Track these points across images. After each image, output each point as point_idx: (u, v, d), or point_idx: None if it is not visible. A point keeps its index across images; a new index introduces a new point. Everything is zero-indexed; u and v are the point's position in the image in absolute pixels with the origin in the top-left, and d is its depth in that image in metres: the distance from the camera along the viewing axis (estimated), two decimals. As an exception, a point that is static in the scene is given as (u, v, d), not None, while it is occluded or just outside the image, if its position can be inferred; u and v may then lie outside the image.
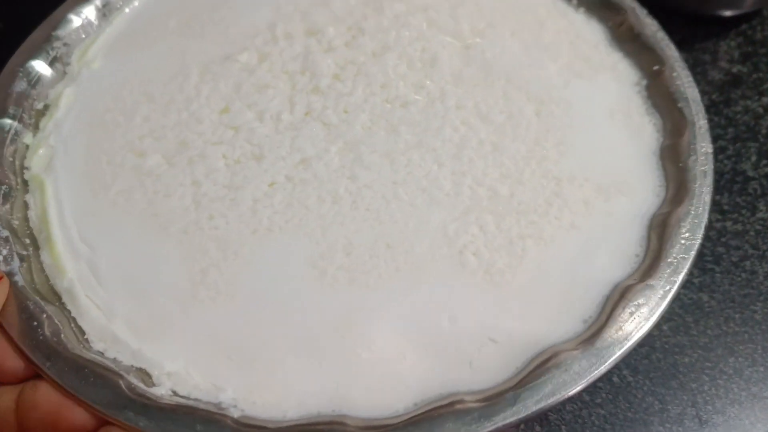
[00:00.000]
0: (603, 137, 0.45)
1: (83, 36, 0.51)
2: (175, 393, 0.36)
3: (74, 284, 0.39)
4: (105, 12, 0.52)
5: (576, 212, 0.42)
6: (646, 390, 0.49)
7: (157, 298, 0.39)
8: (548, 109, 0.46)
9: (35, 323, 0.37)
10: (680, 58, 0.47)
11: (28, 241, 0.41)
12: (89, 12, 0.52)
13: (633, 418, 0.48)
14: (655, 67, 0.47)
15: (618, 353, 0.36)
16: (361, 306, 0.38)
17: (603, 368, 0.35)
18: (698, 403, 0.48)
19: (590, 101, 0.46)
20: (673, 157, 0.44)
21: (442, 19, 0.50)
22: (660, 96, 0.46)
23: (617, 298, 0.38)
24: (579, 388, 0.35)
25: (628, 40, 0.49)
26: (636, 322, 0.37)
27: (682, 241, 0.40)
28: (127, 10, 0.53)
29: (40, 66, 0.48)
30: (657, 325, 0.37)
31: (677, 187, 0.42)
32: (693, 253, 0.39)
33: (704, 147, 0.43)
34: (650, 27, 0.49)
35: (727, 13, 0.65)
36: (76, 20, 0.51)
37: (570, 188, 0.43)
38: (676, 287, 0.38)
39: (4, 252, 0.39)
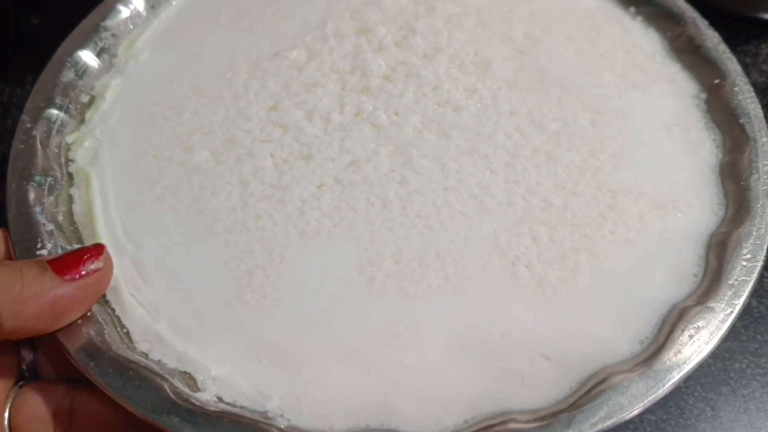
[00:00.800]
0: (660, 150, 0.43)
1: (131, 27, 0.49)
2: (220, 399, 0.34)
3: (119, 281, 0.38)
4: (153, 3, 0.51)
5: (631, 227, 0.40)
6: (698, 396, 0.47)
7: (203, 299, 0.37)
8: (603, 119, 0.44)
9: (79, 321, 0.35)
10: (742, 72, 0.45)
11: (72, 235, 0.40)
12: (138, 2, 0.50)
13: (685, 424, 0.46)
14: (716, 81, 0.45)
15: (677, 377, 0.34)
16: (410, 315, 0.37)
17: (661, 392, 0.33)
18: (750, 410, 0.46)
19: (646, 113, 0.44)
20: (733, 175, 0.41)
21: (495, 22, 0.48)
22: (720, 111, 0.44)
23: (675, 320, 0.36)
24: (636, 411, 0.33)
25: (687, 52, 0.47)
26: (696, 346, 0.35)
27: (744, 263, 0.37)
28: (174, 2, 0.51)
29: (87, 56, 0.47)
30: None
31: (737, 206, 0.40)
32: (755, 276, 0.37)
33: (767, 165, 0.41)
34: (711, 39, 0.46)
35: None
36: (124, 11, 0.49)
37: (625, 202, 0.40)
38: (737, 310, 0.36)
39: (49, 246, 0.38)
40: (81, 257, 0.35)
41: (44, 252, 0.38)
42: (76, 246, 0.39)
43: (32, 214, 0.39)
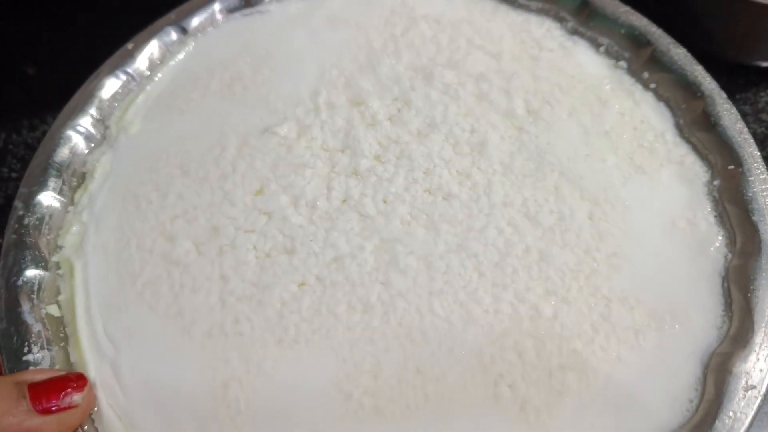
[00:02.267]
0: (662, 250, 0.38)
1: (126, 93, 0.47)
2: None
3: (98, 389, 0.36)
4: (150, 68, 0.47)
5: (624, 342, 0.36)
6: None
7: (178, 414, 0.35)
8: (603, 212, 0.39)
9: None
10: (760, 157, 0.39)
11: (57, 333, 0.38)
12: (141, 62, 0.47)
13: None
14: (730, 167, 0.40)
15: None
16: (385, 440, 0.34)
17: None
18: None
19: (651, 204, 0.40)
20: (741, 283, 0.37)
21: (494, 92, 0.43)
22: (733, 202, 0.39)
23: (662, 456, 0.33)
24: None
25: (701, 129, 0.42)
26: (681, 491, 0.31)
27: (743, 393, 0.33)
28: (172, 62, 0.48)
29: (82, 130, 0.44)
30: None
31: (742, 321, 0.36)
32: (755, 409, 0.33)
33: (778, 277, 0.36)
34: (729, 116, 0.41)
35: (766, 64, 0.57)
36: (119, 77, 0.47)
37: (620, 311, 0.36)
38: (730, 451, 0.32)
39: (35, 349, 0.37)
40: (63, 387, 0.33)
41: (30, 357, 0.36)
42: (57, 347, 0.37)
43: (20, 314, 0.38)
